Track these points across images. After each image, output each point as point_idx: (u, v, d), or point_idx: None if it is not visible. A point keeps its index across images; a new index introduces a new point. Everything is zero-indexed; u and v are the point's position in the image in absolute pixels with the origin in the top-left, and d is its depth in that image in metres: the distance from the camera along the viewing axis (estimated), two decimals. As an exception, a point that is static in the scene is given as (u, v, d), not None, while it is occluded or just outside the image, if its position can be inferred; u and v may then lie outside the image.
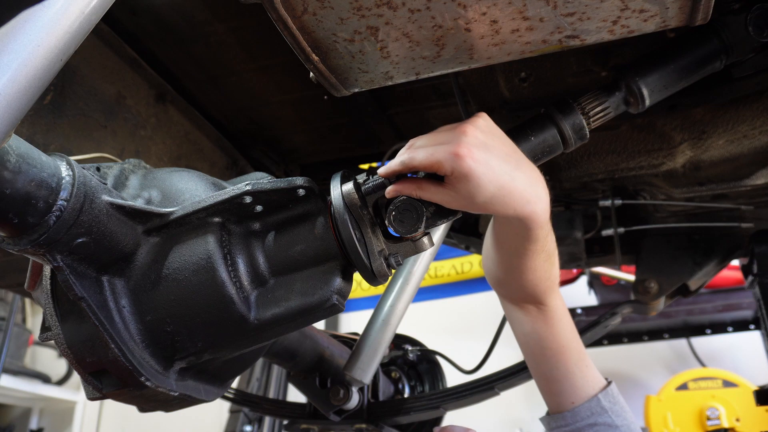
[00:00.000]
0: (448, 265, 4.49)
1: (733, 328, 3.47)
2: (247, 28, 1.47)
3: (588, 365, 1.04)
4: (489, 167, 0.82)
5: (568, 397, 1.03)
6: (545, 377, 1.06)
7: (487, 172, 0.82)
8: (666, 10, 0.82)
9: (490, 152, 0.84)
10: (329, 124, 1.84)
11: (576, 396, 1.03)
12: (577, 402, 1.02)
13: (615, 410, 1.01)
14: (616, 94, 1.04)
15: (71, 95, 1.33)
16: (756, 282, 1.59)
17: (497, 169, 0.83)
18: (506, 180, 0.84)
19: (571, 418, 1.02)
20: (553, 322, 1.03)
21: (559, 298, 1.04)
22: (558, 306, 1.03)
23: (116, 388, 0.86)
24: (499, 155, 0.85)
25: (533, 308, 1.03)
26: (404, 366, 1.92)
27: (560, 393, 1.04)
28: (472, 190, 0.83)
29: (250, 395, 2.07)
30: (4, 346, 3.86)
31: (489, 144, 0.85)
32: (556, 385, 1.05)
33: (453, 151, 0.82)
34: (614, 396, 1.04)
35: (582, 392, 1.02)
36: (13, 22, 0.60)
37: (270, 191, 0.90)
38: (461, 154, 0.82)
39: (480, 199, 0.83)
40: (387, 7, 0.80)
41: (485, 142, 0.84)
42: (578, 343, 1.05)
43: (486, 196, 0.83)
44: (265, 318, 0.89)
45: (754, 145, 1.34)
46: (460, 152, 0.82)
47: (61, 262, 0.80)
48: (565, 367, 1.03)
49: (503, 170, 0.84)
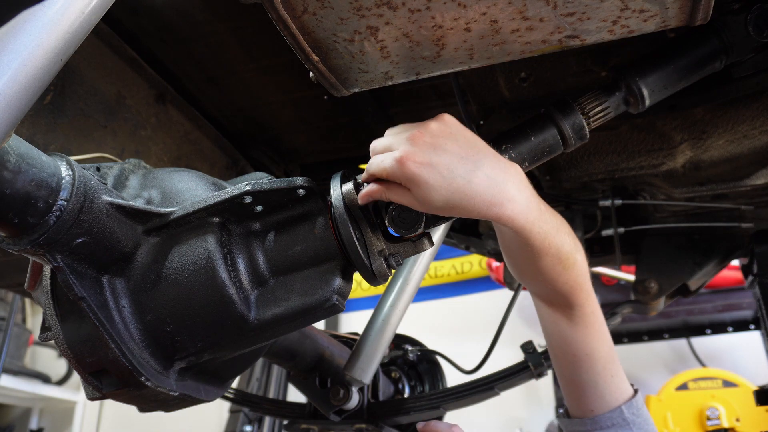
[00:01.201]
0: (448, 265, 4.49)
1: (733, 328, 3.47)
2: (247, 28, 1.47)
3: (615, 374, 1.00)
4: (437, 170, 0.81)
5: (590, 405, 1.00)
6: (568, 380, 1.03)
7: (435, 176, 0.80)
8: (666, 10, 0.82)
9: (441, 155, 0.82)
10: (329, 124, 1.84)
11: (598, 405, 0.99)
12: (597, 411, 0.98)
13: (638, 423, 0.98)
14: (616, 94, 1.04)
15: (71, 95, 1.33)
16: (756, 282, 1.59)
17: (448, 173, 0.81)
18: (461, 183, 0.81)
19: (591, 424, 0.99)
20: (579, 328, 0.98)
21: (591, 303, 0.98)
22: (588, 312, 0.97)
23: (116, 388, 0.86)
24: (452, 157, 0.82)
25: (560, 309, 0.99)
26: (404, 366, 1.92)
27: (581, 398, 1.01)
28: (424, 195, 0.81)
29: (250, 395, 2.07)
30: (4, 346, 3.86)
31: (439, 146, 0.83)
32: (578, 389, 1.01)
33: (396, 157, 0.82)
34: (638, 408, 1.00)
35: (604, 402, 0.99)
36: (13, 22, 0.60)
37: (270, 191, 0.90)
38: (402, 159, 0.81)
39: (436, 203, 0.82)
40: (387, 7, 0.80)
41: (435, 144, 0.83)
42: (608, 351, 0.99)
43: (441, 201, 0.81)
44: (265, 318, 0.89)
45: (754, 145, 1.34)
46: (402, 158, 0.81)
47: (61, 262, 0.80)
48: (588, 374, 0.99)
49: (457, 173, 0.81)
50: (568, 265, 0.93)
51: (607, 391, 0.99)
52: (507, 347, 1.84)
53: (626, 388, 1.01)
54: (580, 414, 1.02)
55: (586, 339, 0.99)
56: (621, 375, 1.01)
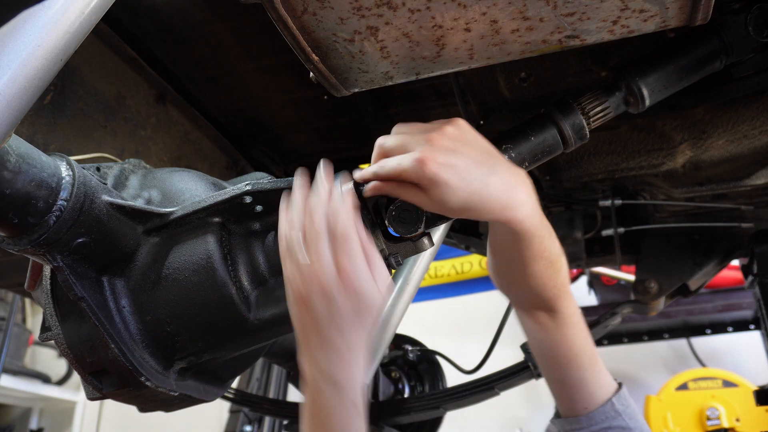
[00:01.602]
0: (448, 265, 4.49)
1: (733, 328, 3.47)
2: (247, 28, 1.47)
3: (600, 369, 1.02)
4: (457, 172, 0.81)
5: (582, 403, 1.01)
6: (559, 382, 1.04)
7: (455, 178, 0.81)
8: (666, 10, 0.82)
9: (459, 158, 0.83)
10: (329, 124, 1.84)
11: (590, 402, 1.01)
12: (590, 407, 1.01)
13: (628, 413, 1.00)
14: (616, 94, 1.04)
15: (71, 95, 1.33)
16: (756, 282, 1.59)
17: (467, 175, 0.82)
18: (478, 186, 0.82)
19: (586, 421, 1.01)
20: (565, 330, 1.00)
21: (572, 304, 1.01)
22: (570, 313, 1.00)
23: (116, 388, 0.86)
24: (469, 161, 0.83)
25: (544, 315, 1.01)
26: (404, 366, 1.92)
27: (574, 398, 1.02)
28: (442, 196, 0.82)
29: (250, 395, 2.07)
30: (4, 346, 3.86)
31: (457, 150, 0.84)
32: (569, 390, 1.03)
33: (417, 158, 0.82)
34: (626, 399, 1.02)
35: (596, 398, 1.01)
36: (13, 22, 0.60)
37: (270, 191, 0.90)
38: (424, 159, 0.81)
39: (452, 204, 0.82)
40: (387, 7, 0.80)
41: (453, 148, 0.84)
42: (591, 348, 1.02)
43: (458, 202, 0.82)
44: (265, 318, 0.89)
45: (754, 145, 1.34)
46: (424, 158, 0.81)
47: (61, 262, 0.80)
48: (578, 373, 1.01)
49: (474, 176, 0.82)
50: (557, 269, 0.96)
51: (596, 387, 1.01)
52: (507, 347, 1.84)
53: (611, 380, 1.04)
54: (573, 413, 1.03)
55: (573, 339, 1.01)
56: (604, 369, 1.04)
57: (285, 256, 0.84)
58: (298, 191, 0.87)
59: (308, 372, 0.83)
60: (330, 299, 0.79)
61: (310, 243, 0.81)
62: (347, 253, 0.80)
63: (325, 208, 0.83)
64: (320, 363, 0.81)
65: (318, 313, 0.80)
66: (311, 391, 0.83)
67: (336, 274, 0.80)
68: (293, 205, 0.86)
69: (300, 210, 0.84)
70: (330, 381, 0.81)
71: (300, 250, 0.81)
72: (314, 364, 0.82)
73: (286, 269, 0.83)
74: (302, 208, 0.85)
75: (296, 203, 0.85)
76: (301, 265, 0.81)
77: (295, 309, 0.82)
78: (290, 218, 0.85)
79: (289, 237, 0.83)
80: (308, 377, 0.83)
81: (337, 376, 0.81)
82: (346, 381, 0.81)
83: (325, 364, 0.81)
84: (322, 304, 0.79)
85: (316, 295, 0.80)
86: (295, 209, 0.85)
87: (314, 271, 0.80)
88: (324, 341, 0.81)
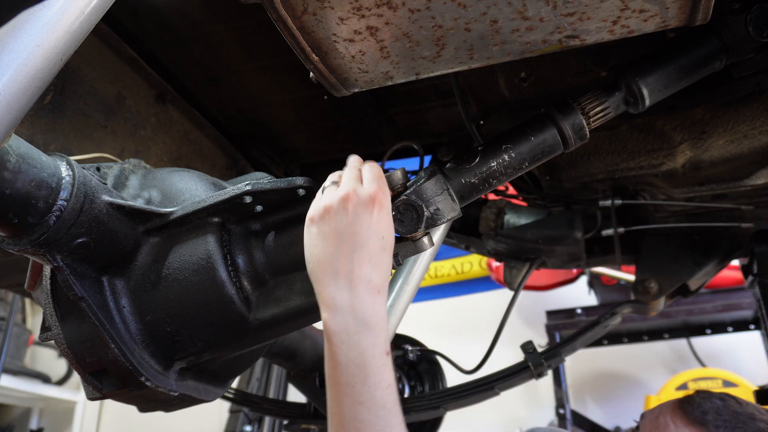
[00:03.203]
0: (448, 265, 4.49)
1: (733, 328, 3.47)
2: (247, 28, 1.47)
3: None
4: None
5: None
6: None
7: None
8: (666, 10, 0.82)
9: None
10: (329, 124, 1.85)
11: None
12: None
13: None
14: (616, 94, 1.04)
15: (71, 95, 1.33)
16: (756, 282, 1.59)
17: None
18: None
19: None
20: None
21: None
22: None
23: (116, 388, 0.86)
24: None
25: None
26: (404, 366, 1.92)
27: None
28: None
29: (250, 395, 2.07)
30: (4, 346, 3.86)
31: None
32: None
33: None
34: None
35: None
36: (13, 22, 0.60)
37: (270, 191, 0.90)
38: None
39: None
40: (387, 7, 0.80)
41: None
42: None
43: None
44: (265, 318, 0.89)
45: (754, 145, 1.34)
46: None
47: (61, 262, 0.80)
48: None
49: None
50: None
51: None
52: (507, 347, 1.84)
53: None
54: None
55: None
56: None
57: (318, 194, 0.87)
58: None
59: (332, 316, 0.79)
60: (349, 200, 0.83)
61: None
62: (368, 168, 0.88)
63: None
64: (343, 298, 0.79)
65: (338, 219, 0.82)
66: (337, 336, 0.78)
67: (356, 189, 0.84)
68: None
69: None
70: (359, 320, 0.78)
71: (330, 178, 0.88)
72: (337, 300, 0.79)
73: (315, 202, 0.86)
74: None
75: None
76: (328, 187, 0.86)
77: (318, 227, 0.83)
78: None
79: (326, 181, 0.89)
80: (332, 323, 0.79)
81: (365, 314, 0.78)
82: (376, 322, 0.79)
83: (347, 299, 0.79)
84: (342, 208, 0.82)
85: (338, 202, 0.83)
86: None
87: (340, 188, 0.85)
88: (345, 263, 0.80)
